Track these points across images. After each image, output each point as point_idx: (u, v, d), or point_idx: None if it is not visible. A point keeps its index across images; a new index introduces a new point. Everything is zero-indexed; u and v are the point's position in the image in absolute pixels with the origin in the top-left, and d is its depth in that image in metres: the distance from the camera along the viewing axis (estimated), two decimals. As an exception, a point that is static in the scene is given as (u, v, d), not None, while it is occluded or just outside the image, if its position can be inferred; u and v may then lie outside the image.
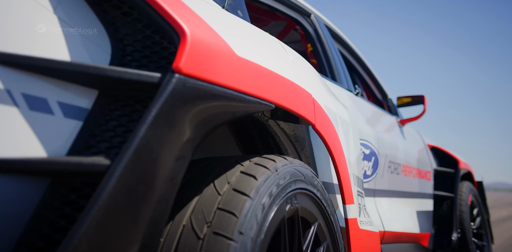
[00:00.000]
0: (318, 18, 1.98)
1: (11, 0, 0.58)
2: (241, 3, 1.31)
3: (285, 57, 1.02)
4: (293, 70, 1.01)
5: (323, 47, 1.90)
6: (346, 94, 1.78)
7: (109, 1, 0.67)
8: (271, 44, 1.01)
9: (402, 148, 2.14)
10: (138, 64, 0.68)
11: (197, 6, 0.78)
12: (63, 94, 0.60)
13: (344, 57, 2.32)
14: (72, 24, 0.63)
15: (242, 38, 0.85)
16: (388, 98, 2.56)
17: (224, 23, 0.85)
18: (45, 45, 0.60)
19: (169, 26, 0.65)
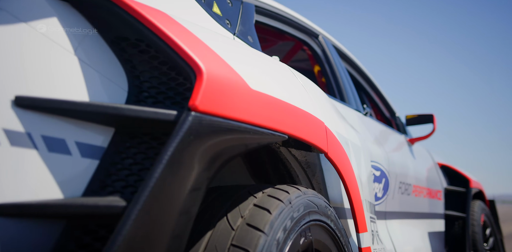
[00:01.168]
0: (326, 39, 2.00)
1: (33, 43, 0.59)
2: (251, 29, 1.32)
3: (297, 85, 1.03)
4: (305, 98, 1.01)
5: (332, 68, 1.91)
6: (355, 114, 1.78)
7: (127, 40, 0.68)
8: (282, 72, 1.01)
9: (412, 168, 2.11)
10: (154, 100, 0.69)
11: (210, 38, 0.79)
12: (81, 133, 0.60)
13: (351, 75, 2.32)
14: (91, 63, 0.64)
15: (255, 70, 0.85)
16: (396, 116, 2.55)
17: (237, 55, 0.85)
18: (64, 85, 0.60)
19: (185, 63, 0.66)
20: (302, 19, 1.85)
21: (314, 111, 1.00)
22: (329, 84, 1.89)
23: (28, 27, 0.59)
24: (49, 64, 0.60)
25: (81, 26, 0.65)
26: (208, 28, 1.07)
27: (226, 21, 1.20)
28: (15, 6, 0.59)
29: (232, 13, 1.26)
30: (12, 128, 0.53)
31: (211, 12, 1.14)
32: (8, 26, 0.57)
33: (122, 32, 0.67)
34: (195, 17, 1.05)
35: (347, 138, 1.21)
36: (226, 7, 1.24)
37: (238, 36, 1.23)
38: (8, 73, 0.56)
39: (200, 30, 0.79)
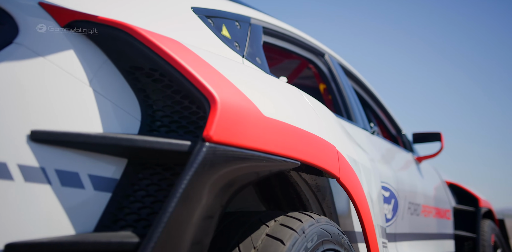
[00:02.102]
0: (332, 58, 2.00)
1: (50, 77, 0.58)
2: (259, 51, 1.33)
3: (307, 109, 1.02)
4: (316, 122, 1.00)
5: (338, 87, 1.91)
6: (362, 133, 1.77)
7: (141, 70, 0.68)
8: (292, 96, 1.01)
9: (421, 187, 2.08)
10: (167, 129, 0.68)
11: (222, 65, 0.79)
12: (94, 165, 0.59)
13: (357, 93, 2.32)
14: (105, 94, 0.64)
15: (267, 96, 0.85)
16: (403, 134, 2.53)
17: (249, 82, 0.85)
18: (79, 117, 0.60)
19: (199, 93, 0.65)
20: (308, 38, 1.86)
21: (326, 136, 0.99)
22: (335, 103, 1.89)
23: (46, 61, 0.59)
24: (65, 96, 0.59)
25: (97, 57, 0.65)
26: (218, 51, 1.07)
27: (235, 43, 1.21)
28: (34, 41, 0.59)
29: (240, 36, 1.26)
30: (26, 163, 0.52)
31: (220, 35, 1.14)
32: (26, 61, 0.57)
33: (137, 62, 0.67)
34: (205, 41, 1.05)
35: (358, 160, 1.19)
36: (235, 30, 1.25)
37: (246, 58, 1.23)
38: (25, 108, 0.55)
39: (212, 57, 0.79)
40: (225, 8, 1.27)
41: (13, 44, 0.57)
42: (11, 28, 0.57)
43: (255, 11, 1.52)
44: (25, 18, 0.59)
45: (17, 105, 0.55)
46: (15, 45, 0.57)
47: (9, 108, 0.54)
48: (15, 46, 0.57)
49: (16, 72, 0.56)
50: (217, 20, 1.17)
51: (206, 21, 1.11)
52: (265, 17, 1.55)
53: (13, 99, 0.55)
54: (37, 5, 0.62)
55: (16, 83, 0.56)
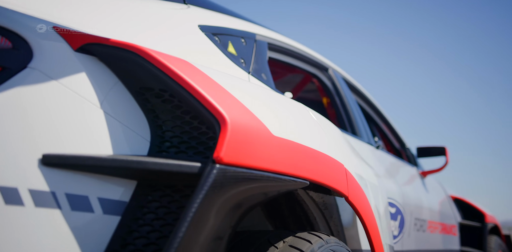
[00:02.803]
0: (336, 72, 2.01)
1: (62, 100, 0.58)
2: (265, 67, 1.33)
3: (315, 127, 1.01)
4: (324, 140, 0.99)
5: (342, 101, 1.91)
6: (367, 148, 1.76)
7: (151, 90, 0.67)
8: (299, 113, 1.00)
9: (426, 203, 2.06)
10: (176, 150, 0.67)
11: (230, 85, 0.78)
12: (104, 188, 0.58)
13: (360, 107, 2.32)
14: (116, 115, 0.64)
15: (275, 115, 0.84)
16: (406, 148, 2.52)
17: (258, 100, 0.85)
18: (90, 139, 0.59)
19: (209, 113, 0.65)
20: (312, 53, 1.87)
21: (333, 154, 0.98)
22: (340, 118, 1.89)
23: (59, 84, 0.59)
24: (77, 119, 0.59)
25: (108, 79, 0.65)
26: (224, 68, 1.07)
27: (241, 60, 1.21)
28: (47, 65, 0.59)
29: (246, 52, 1.27)
30: (37, 187, 0.52)
31: (227, 52, 1.15)
32: (39, 85, 0.57)
33: (147, 83, 0.67)
34: (212, 58, 1.06)
35: (365, 178, 1.18)
36: (241, 46, 1.26)
37: (252, 75, 1.23)
38: (37, 131, 0.55)
39: (221, 76, 0.79)
40: (231, 25, 1.28)
41: (28, 69, 0.58)
42: (26, 53, 0.58)
43: (260, 27, 1.53)
44: (39, 43, 0.59)
45: (29, 129, 0.55)
46: (29, 70, 0.58)
47: (21, 132, 0.54)
48: (29, 71, 0.57)
49: (30, 96, 0.56)
50: (223, 37, 1.18)
51: (213, 38, 1.12)
52: (270, 33, 1.56)
53: (25, 123, 0.54)
54: (51, 29, 0.62)
55: (30, 107, 0.55)
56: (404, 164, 2.19)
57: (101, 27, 0.73)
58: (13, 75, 0.56)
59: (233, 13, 1.45)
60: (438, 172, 2.25)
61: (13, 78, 0.56)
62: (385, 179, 1.68)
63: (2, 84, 0.55)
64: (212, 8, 1.34)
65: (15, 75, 0.56)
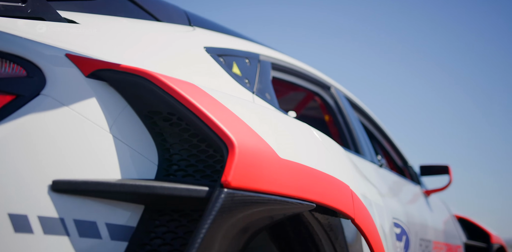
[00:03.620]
0: (338, 90, 2.03)
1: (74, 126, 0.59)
2: (269, 86, 1.34)
3: (320, 147, 1.02)
4: (329, 161, 0.99)
5: (345, 119, 1.92)
6: (370, 166, 1.75)
7: (159, 114, 0.68)
8: (304, 134, 1.01)
9: (431, 222, 2.04)
10: (184, 173, 0.67)
11: (237, 106, 0.79)
12: (111, 213, 0.58)
13: (362, 124, 2.33)
14: (124, 139, 0.64)
15: (281, 137, 0.85)
16: (409, 165, 2.51)
17: (264, 122, 0.85)
18: (99, 164, 0.60)
19: (217, 137, 0.65)
20: (315, 72, 1.89)
21: (339, 175, 0.98)
22: (343, 136, 1.89)
23: (70, 110, 0.60)
24: (87, 144, 0.60)
25: (117, 103, 0.66)
26: (229, 88, 1.09)
27: (245, 80, 1.23)
28: (59, 91, 0.60)
29: (250, 72, 1.29)
30: (47, 214, 0.52)
31: (231, 73, 1.17)
32: (51, 111, 0.58)
33: (155, 106, 0.68)
34: (217, 79, 1.07)
35: (371, 199, 1.17)
36: (245, 67, 1.27)
37: (257, 95, 1.24)
38: (48, 157, 0.55)
39: (228, 99, 0.80)
40: (235, 46, 1.31)
41: (41, 96, 0.59)
42: (39, 80, 0.59)
43: (263, 47, 1.56)
44: (52, 70, 0.60)
45: (40, 155, 0.55)
46: (42, 97, 0.59)
47: (33, 158, 0.54)
48: (42, 98, 0.58)
49: (42, 122, 0.57)
50: (228, 58, 1.20)
51: (218, 59, 1.14)
52: (273, 53, 1.58)
53: (37, 149, 0.55)
54: (64, 56, 0.64)
55: (41, 133, 0.56)
56: (407, 182, 2.18)
57: (110, 53, 0.74)
58: (27, 103, 0.57)
59: (237, 34, 1.48)
60: (442, 191, 2.24)
61: (26, 106, 0.56)
62: (390, 199, 1.66)
63: (15, 112, 0.56)
64: (217, 29, 1.36)
65: (28, 102, 0.57)
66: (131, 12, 1.00)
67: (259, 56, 1.42)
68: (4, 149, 0.53)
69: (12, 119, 0.55)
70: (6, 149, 0.53)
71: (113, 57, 0.73)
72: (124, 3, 0.99)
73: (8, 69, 0.58)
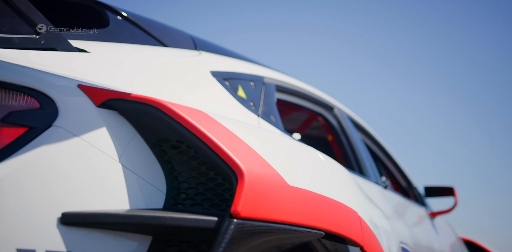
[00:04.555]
0: (341, 111, 2.03)
1: (84, 156, 0.59)
2: (273, 109, 1.35)
3: (327, 173, 1.01)
4: (336, 186, 0.98)
5: (349, 140, 1.92)
6: (375, 188, 1.73)
7: (168, 142, 0.68)
8: (311, 159, 1.00)
9: (438, 246, 2.00)
10: (192, 202, 0.66)
11: (245, 132, 0.79)
12: (120, 245, 0.57)
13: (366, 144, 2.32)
14: (133, 168, 0.64)
15: (289, 163, 0.84)
16: (413, 186, 2.48)
17: (272, 148, 0.85)
18: (108, 194, 0.59)
19: (226, 165, 0.65)
20: (318, 93, 1.90)
21: (347, 201, 0.96)
22: (347, 157, 1.88)
23: (81, 140, 0.60)
24: (97, 174, 0.60)
25: (127, 132, 0.66)
26: (235, 111, 1.09)
27: (250, 103, 1.23)
28: (71, 122, 0.60)
29: (255, 95, 1.29)
30: (55, 248, 0.51)
31: (237, 96, 1.17)
32: (63, 142, 0.58)
33: (164, 134, 0.68)
34: (223, 102, 1.08)
35: (378, 223, 1.15)
36: (250, 90, 1.28)
37: (262, 117, 1.25)
38: (57, 190, 0.55)
39: (235, 125, 0.80)
40: (240, 69, 1.32)
41: (53, 127, 0.59)
42: (52, 112, 0.59)
43: (267, 69, 1.57)
44: (64, 101, 0.61)
45: (50, 187, 0.55)
46: (54, 128, 0.59)
47: (43, 191, 0.54)
48: (54, 129, 0.59)
49: (53, 154, 0.57)
50: (233, 81, 1.21)
51: (224, 83, 1.15)
52: (277, 75, 1.60)
53: (47, 182, 0.55)
54: (76, 87, 0.64)
55: (52, 165, 0.56)
56: (412, 204, 2.15)
57: (120, 81, 0.75)
58: (39, 135, 0.57)
59: (242, 57, 1.50)
60: (448, 213, 2.20)
61: (39, 137, 0.57)
62: (396, 221, 1.64)
63: (28, 144, 0.56)
64: (222, 52, 1.38)
65: (41, 134, 0.57)
66: (139, 38, 1.01)
67: (263, 79, 1.44)
68: (15, 182, 0.52)
69: (25, 152, 0.55)
70: (18, 182, 0.52)
71: (122, 84, 0.74)
72: (132, 30, 1.01)
73: (22, 102, 0.59)
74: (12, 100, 0.58)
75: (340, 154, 2.09)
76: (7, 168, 0.53)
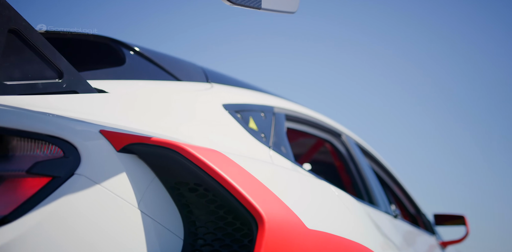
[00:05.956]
0: (349, 138, 2.02)
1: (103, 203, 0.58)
2: (284, 139, 1.35)
3: (342, 209, 0.99)
4: (353, 225, 0.97)
5: (357, 168, 1.90)
6: (385, 218, 1.70)
7: (186, 185, 0.67)
8: (327, 196, 0.99)
9: None
10: (210, 248, 0.65)
11: (261, 173, 0.78)
12: None
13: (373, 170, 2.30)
14: (151, 213, 0.63)
15: (307, 204, 0.83)
16: (422, 213, 2.44)
17: (289, 189, 0.84)
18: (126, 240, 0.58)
19: (246, 210, 0.64)
20: (326, 120, 1.91)
21: (363, 240, 0.94)
22: (355, 186, 1.86)
23: (102, 188, 0.60)
24: (116, 221, 0.59)
25: (146, 176, 0.66)
26: (247, 144, 1.09)
27: (261, 134, 1.23)
28: (92, 170, 0.60)
29: (265, 126, 1.30)
30: None
31: (248, 128, 1.17)
32: (84, 191, 0.57)
33: (182, 177, 0.67)
34: (235, 136, 1.08)
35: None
36: (260, 121, 1.29)
37: (273, 149, 1.24)
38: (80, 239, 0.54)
39: (254, 166, 0.79)
40: (251, 100, 1.33)
41: (75, 175, 0.58)
42: (74, 160, 0.59)
43: (276, 98, 1.59)
44: (86, 148, 0.61)
45: (72, 237, 0.54)
46: (77, 176, 0.58)
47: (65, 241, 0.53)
48: (76, 177, 0.58)
49: (76, 203, 0.56)
50: (244, 113, 1.21)
51: (236, 116, 1.15)
52: (286, 103, 1.61)
53: (69, 231, 0.54)
54: (98, 132, 0.64)
55: (74, 214, 0.55)
56: (423, 233, 2.11)
57: (137, 122, 0.75)
58: (62, 184, 0.56)
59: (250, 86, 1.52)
60: (459, 243, 2.15)
61: (62, 187, 0.56)
62: (407, 253, 1.60)
63: (52, 194, 0.55)
64: (232, 83, 1.40)
65: (64, 183, 0.56)
66: (154, 73, 1.03)
67: (273, 109, 1.44)
68: (40, 233, 0.51)
69: (49, 203, 0.54)
70: (42, 233, 0.52)
71: (141, 124, 0.74)
72: (146, 66, 1.02)
73: (46, 151, 0.58)
74: (37, 150, 0.58)
75: (348, 181, 2.07)
76: (32, 220, 0.52)
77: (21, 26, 0.63)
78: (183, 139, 0.77)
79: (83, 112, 0.68)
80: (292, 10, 0.82)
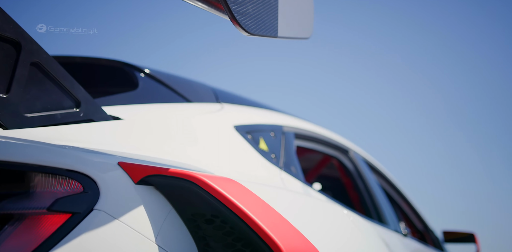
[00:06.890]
0: (356, 154, 2.01)
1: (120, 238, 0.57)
2: (293, 159, 1.34)
3: (355, 233, 0.98)
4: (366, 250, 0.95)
5: (366, 185, 1.89)
6: (395, 237, 1.68)
7: (203, 216, 0.66)
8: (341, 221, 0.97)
9: None
10: None
11: (279, 202, 0.77)
12: None
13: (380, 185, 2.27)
14: (168, 248, 0.62)
15: (322, 232, 0.82)
16: (430, 230, 2.41)
17: (304, 217, 0.83)
18: None
19: (264, 244, 0.62)
20: (333, 137, 1.90)
21: None
22: (364, 203, 1.84)
23: (120, 223, 0.59)
24: None
25: (163, 208, 0.65)
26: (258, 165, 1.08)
27: (272, 155, 1.23)
28: (111, 205, 0.59)
29: (275, 146, 1.29)
30: None
31: (259, 149, 1.17)
32: (103, 226, 0.57)
33: (199, 209, 0.66)
34: (247, 158, 1.07)
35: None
36: (270, 141, 1.28)
37: (283, 169, 1.23)
38: None
39: (269, 194, 0.78)
40: (260, 119, 1.33)
41: (94, 211, 0.58)
42: (94, 195, 0.58)
43: (284, 115, 1.59)
44: (105, 181, 0.60)
45: None
46: (96, 212, 0.58)
47: None
48: (95, 213, 0.58)
49: (95, 239, 0.55)
50: (255, 134, 1.21)
51: (246, 137, 1.15)
52: (294, 121, 1.61)
53: None
54: (116, 164, 0.63)
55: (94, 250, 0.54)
56: (432, 251, 2.07)
57: (153, 150, 0.74)
58: (81, 220, 0.55)
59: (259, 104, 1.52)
60: (470, 261, 2.12)
61: (81, 223, 0.55)
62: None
63: (71, 231, 0.54)
64: (241, 102, 1.40)
65: (83, 220, 0.55)
66: (166, 96, 1.03)
67: (282, 128, 1.44)
68: None
69: (69, 240, 0.53)
70: None
71: (156, 152, 0.73)
72: (158, 89, 1.02)
73: (66, 187, 0.58)
74: (57, 185, 0.57)
75: (356, 198, 2.05)
76: None
77: (42, 59, 0.63)
78: (199, 166, 0.77)
79: (100, 142, 0.68)
80: (307, 36, 0.82)
